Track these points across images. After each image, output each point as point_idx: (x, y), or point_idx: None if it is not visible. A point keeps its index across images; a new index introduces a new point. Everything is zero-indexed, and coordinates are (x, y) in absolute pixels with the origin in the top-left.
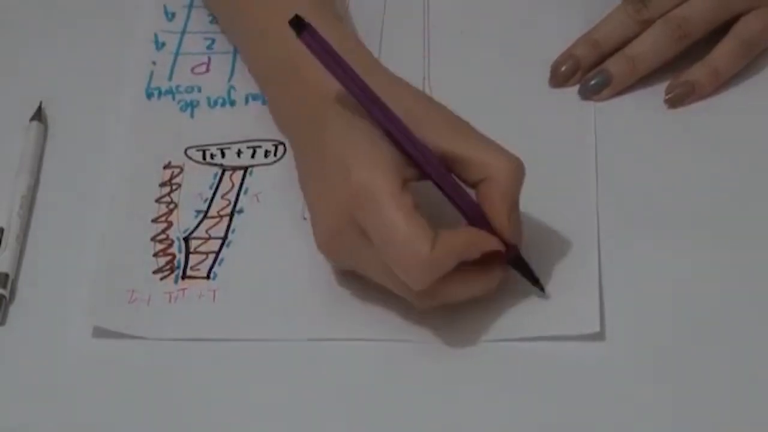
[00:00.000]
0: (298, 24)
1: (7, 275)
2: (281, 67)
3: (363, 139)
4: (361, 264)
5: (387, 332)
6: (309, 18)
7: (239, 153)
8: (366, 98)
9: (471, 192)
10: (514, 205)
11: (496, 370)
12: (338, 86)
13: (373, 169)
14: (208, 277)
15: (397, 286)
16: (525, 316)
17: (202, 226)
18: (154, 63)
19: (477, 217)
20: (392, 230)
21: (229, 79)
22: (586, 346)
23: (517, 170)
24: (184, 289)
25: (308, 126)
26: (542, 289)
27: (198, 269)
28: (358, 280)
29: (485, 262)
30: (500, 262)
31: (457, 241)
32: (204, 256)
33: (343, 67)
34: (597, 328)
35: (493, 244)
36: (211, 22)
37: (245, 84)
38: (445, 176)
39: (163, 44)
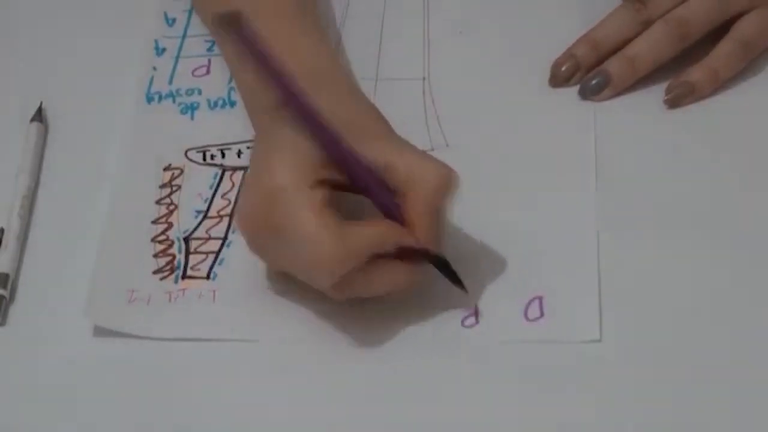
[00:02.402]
0: (230, 20)
1: (7, 275)
2: (234, 66)
3: (288, 139)
4: (281, 262)
5: (386, 333)
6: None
7: (239, 153)
8: (294, 100)
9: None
10: (436, 211)
11: (496, 370)
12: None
13: (285, 167)
14: (208, 277)
15: (311, 280)
16: (525, 320)
17: (202, 226)
18: (154, 68)
19: (397, 219)
20: (298, 226)
21: (230, 81)
22: (585, 347)
23: (444, 179)
24: (184, 290)
25: (256, 125)
26: (464, 289)
27: (198, 269)
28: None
29: (404, 258)
30: (419, 260)
31: (370, 233)
32: (204, 257)
33: (271, 66)
34: (596, 336)
35: (406, 239)
36: None
37: None
38: (371, 180)
39: (164, 50)
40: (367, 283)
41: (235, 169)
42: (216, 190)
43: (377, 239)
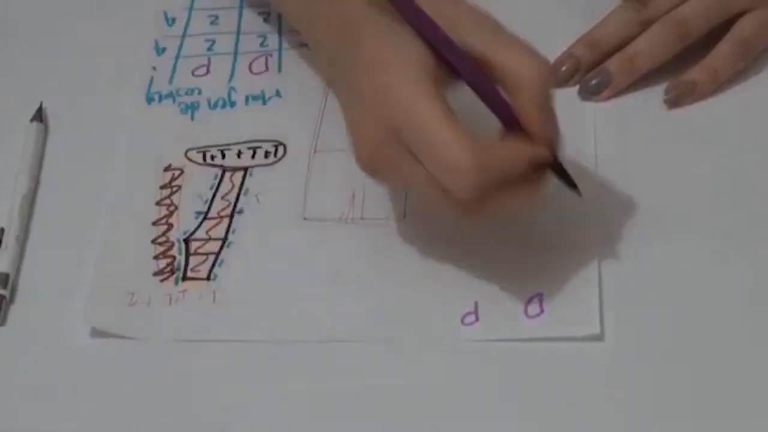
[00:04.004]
0: None
1: (7, 275)
2: None
3: (396, 47)
4: (403, 178)
5: (386, 332)
6: None
7: (239, 154)
8: (400, 2)
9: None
10: (545, 106)
11: (497, 367)
12: None
13: (407, 75)
14: (208, 278)
15: (444, 198)
16: (525, 317)
17: (202, 227)
18: (154, 68)
19: (512, 121)
20: (432, 133)
21: (230, 81)
22: (586, 346)
23: (544, 74)
24: (184, 291)
25: (343, 45)
26: (579, 193)
27: (198, 270)
28: (359, 279)
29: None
30: (542, 170)
31: (503, 153)
32: (204, 258)
33: None
34: (597, 330)
35: (536, 150)
36: (211, 23)
37: (245, 85)
38: (481, 79)
39: (164, 49)
40: (495, 199)
41: (235, 169)
42: (216, 191)
43: (513, 158)
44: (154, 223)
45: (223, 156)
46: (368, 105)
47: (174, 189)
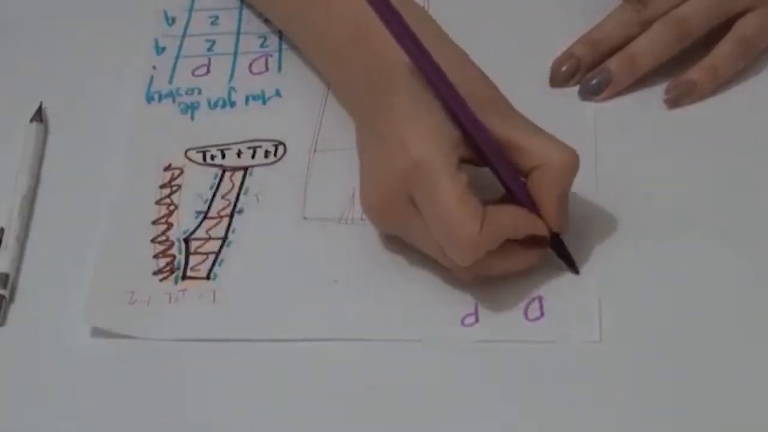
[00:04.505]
0: None
1: (7, 275)
2: (348, 37)
3: (427, 113)
4: (407, 232)
5: (386, 332)
6: None
7: (239, 153)
8: (431, 72)
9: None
10: (564, 194)
11: (496, 370)
12: (406, 56)
13: (432, 145)
14: (208, 277)
15: (442, 257)
16: (525, 320)
17: (202, 226)
18: (154, 67)
19: (526, 203)
20: (445, 208)
21: (230, 81)
22: (585, 347)
23: (572, 161)
24: (184, 290)
25: (374, 92)
26: (577, 272)
27: (198, 270)
28: (359, 279)
29: (527, 239)
30: (541, 241)
31: (506, 221)
32: (204, 257)
33: (410, 37)
34: (596, 336)
35: (539, 228)
36: (211, 23)
37: (245, 85)
38: (501, 159)
39: (164, 49)
40: (496, 263)
41: (235, 169)
42: (216, 191)
43: (514, 226)
44: (153, 222)
45: (223, 156)
46: (387, 153)
47: (174, 188)
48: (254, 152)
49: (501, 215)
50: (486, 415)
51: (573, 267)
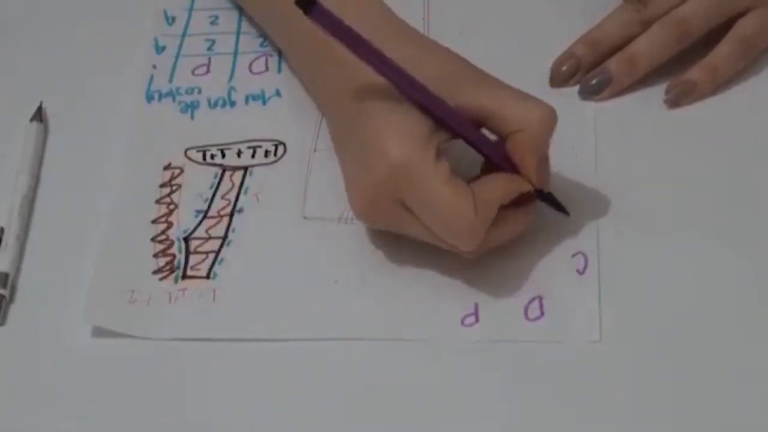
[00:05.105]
0: (306, 3)
1: (7, 275)
2: (314, 48)
3: (395, 114)
4: (402, 229)
5: (386, 332)
6: None
7: (239, 153)
8: (386, 70)
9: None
10: (543, 152)
11: (496, 370)
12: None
13: (409, 146)
14: (208, 276)
15: (442, 243)
16: (525, 320)
17: (202, 226)
18: (154, 67)
19: (507, 168)
20: (435, 202)
21: (230, 80)
22: (585, 347)
23: (549, 121)
24: (184, 289)
25: (344, 98)
26: (567, 213)
27: (198, 269)
28: (359, 279)
29: (516, 200)
30: (529, 198)
31: (494, 194)
32: (204, 256)
33: (358, 42)
34: (596, 336)
35: (524, 186)
36: (211, 23)
37: (245, 84)
38: (475, 135)
39: (164, 48)
40: (495, 234)
41: (235, 168)
42: (216, 190)
43: (502, 194)
44: (153, 222)
45: (223, 155)
46: (367, 162)
47: (174, 188)
48: (254, 152)
49: (488, 189)
50: (486, 415)
51: (562, 210)
